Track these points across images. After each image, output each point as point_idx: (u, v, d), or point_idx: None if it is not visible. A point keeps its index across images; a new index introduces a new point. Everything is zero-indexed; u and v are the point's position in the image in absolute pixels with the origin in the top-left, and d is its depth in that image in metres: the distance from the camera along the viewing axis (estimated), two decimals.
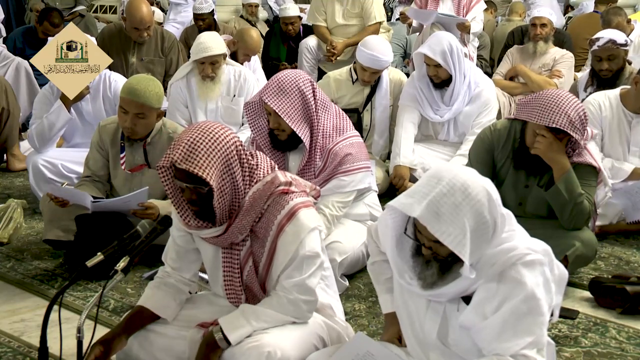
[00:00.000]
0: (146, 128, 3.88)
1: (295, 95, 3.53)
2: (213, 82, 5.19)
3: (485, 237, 2.17)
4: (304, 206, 2.61)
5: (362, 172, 3.73)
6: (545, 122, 3.42)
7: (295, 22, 7.80)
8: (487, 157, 3.79)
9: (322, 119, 3.64)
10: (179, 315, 2.74)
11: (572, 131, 3.43)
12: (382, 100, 5.23)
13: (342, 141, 3.67)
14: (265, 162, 2.67)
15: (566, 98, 3.45)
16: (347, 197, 3.72)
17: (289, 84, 3.54)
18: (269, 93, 3.51)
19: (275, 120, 3.54)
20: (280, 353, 2.45)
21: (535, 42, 6.47)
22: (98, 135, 4.05)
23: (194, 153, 2.46)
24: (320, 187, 3.59)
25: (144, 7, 5.94)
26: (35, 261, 4.12)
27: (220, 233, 2.61)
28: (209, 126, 2.54)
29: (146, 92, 3.78)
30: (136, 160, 3.98)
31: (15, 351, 3.16)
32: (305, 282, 2.58)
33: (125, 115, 3.82)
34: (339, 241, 3.65)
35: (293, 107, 3.52)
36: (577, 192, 3.54)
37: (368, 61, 5.06)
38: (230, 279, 2.68)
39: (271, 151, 3.66)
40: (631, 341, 3.27)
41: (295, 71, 3.64)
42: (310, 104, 3.58)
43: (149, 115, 3.83)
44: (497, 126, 3.83)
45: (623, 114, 4.51)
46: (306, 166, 3.64)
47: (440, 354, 2.35)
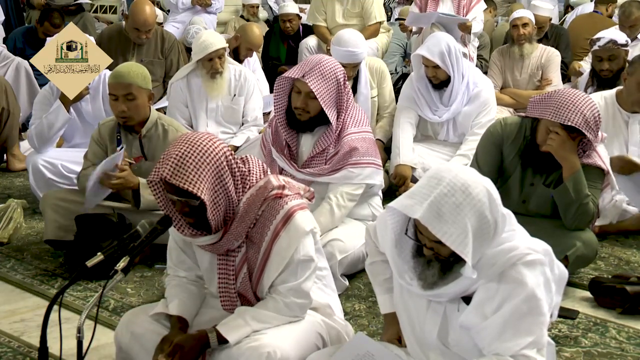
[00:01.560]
0: (138, 110, 3.93)
1: (333, 82, 3.62)
2: (221, 78, 5.23)
3: (487, 237, 2.17)
4: (299, 208, 2.61)
5: (371, 167, 3.77)
6: (561, 119, 3.41)
7: (293, 19, 7.81)
8: (495, 150, 3.78)
9: (345, 110, 3.72)
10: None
11: (587, 131, 3.42)
12: (363, 89, 5.20)
13: (355, 133, 3.73)
14: (258, 166, 2.67)
15: (582, 97, 3.45)
16: (355, 190, 3.75)
17: (329, 70, 3.61)
18: (310, 74, 3.56)
19: (305, 101, 3.60)
20: (280, 353, 2.45)
21: (520, 46, 6.41)
22: (98, 132, 4.11)
23: (183, 168, 2.46)
24: (328, 176, 3.68)
25: (149, 9, 5.94)
26: (35, 261, 4.12)
27: (216, 240, 2.61)
28: (197, 138, 2.53)
29: (130, 72, 3.91)
30: (133, 153, 4.01)
31: (15, 351, 3.16)
32: (300, 287, 2.59)
33: (116, 102, 3.92)
34: (340, 239, 3.67)
35: (329, 93, 3.60)
36: (584, 193, 3.54)
37: (345, 58, 4.98)
38: (225, 286, 2.68)
39: (285, 129, 3.72)
40: (631, 341, 3.27)
41: (332, 59, 3.72)
42: (342, 93, 3.67)
43: (139, 96, 3.91)
44: (508, 121, 3.82)
45: (619, 114, 4.50)
46: (320, 153, 3.70)
47: (440, 354, 2.35)
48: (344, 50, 5.00)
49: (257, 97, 5.46)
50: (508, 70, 6.51)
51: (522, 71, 6.46)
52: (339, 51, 5.01)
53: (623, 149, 4.52)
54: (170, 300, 2.72)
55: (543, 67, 6.39)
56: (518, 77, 6.49)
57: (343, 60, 5.04)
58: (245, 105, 5.39)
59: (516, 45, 6.44)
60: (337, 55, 5.04)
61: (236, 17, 9.97)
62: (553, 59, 6.40)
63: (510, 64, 6.48)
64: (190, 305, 2.72)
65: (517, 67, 6.45)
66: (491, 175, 3.60)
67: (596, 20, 7.73)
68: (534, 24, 6.50)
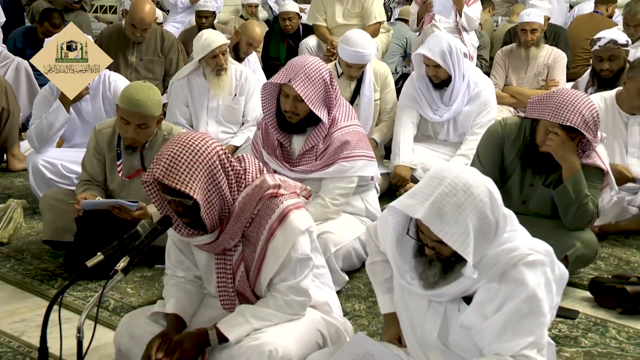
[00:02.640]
0: (148, 136, 3.88)
1: (319, 83, 3.62)
2: (226, 74, 5.25)
3: (488, 237, 2.17)
4: (295, 208, 2.62)
5: (363, 160, 3.78)
6: (560, 119, 3.41)
7: (293, 17, 7.81)
8: (496, 150, 3.77)
9: (335, 106, 3.73)
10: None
11: (586, 131, 3.42)
12: (366, 91, 5.22)
13: (344, 127, 3.75)
14: (253, 165, 2.68)
15: (581, 97, 3.45)
16: (348, 184, 3.78)
17: (314, 72, 3.61)
18: (296, 79, 3.56)
19: (293, 104, 3.62)
20: (281, 351, 2.46)
21: (526, 49, 6.43)
22: (95, 140, 4.01)
23: (175, 168, 2.46)
24: (320, 171, 3.69)
25: (148, 8, 5.95)
26: (35, 261, 4.12)
27: (213, 240, 2.62)
28: (189, 138, 2.53)
29: (147, 101, 3.74)
30: (134, 166, 3.96)
31: (15, 351, 3.16)
32: (299, 285, 2.61)
33: (126, 125, 3.79)
34: (331, 232, 3.69)
35: (317, 95, 3.61)
36: (584, 193, 3.53)
37: (352, 58, 5.06)
38: (224, 285, 2.68)
39: (277, 130, 3.74)
40: (631, 341, 3.27)
41: (315, 59, 3.71)
42: (330, 91, 3.68)
43: (151, 125, 3.83)
44: (508, 121, 3.82)
45: (619, 115, 4.50)
46: (309, 150, 3.73)
47: (440, 354, 2.35)
48: (352, 50, 5.03)
49: (258, 97, 5.45)
50: (512, 69, 6.51)
51: (527, 70, 6.46)
52: (347, 51, 5.04)
53: (623, 150, 4.52)
54: (167, 299, 2.72)
55: (549, 68, 6.40)
56: (522, 76, 6.49)
57: (350, 60, 5.07)
58: (246, 105, 5.40)
59: (522, 48, 6.45)
60: (344, 55, 5.07)
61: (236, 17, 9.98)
62: (560, 60, 6.42)
63: (515, 63, 6.49)
64: (186, 304, 2.71)
65: (522, 66, 6.47)
66: (494, 174, 3.61)
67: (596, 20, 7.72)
68: (542, 28, 6.49)
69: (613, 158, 4.50)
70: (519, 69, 6.48)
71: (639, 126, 4.50)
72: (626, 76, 4.44)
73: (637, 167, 4.51)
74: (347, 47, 5.05)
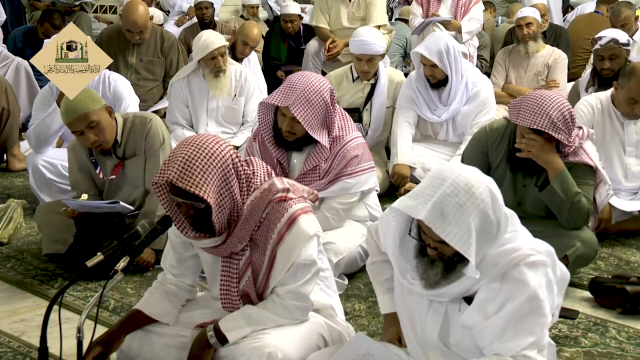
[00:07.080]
0: (107, 132, 3.82)
1: (320, 106, 3.51)
2: (225, 76, 5.26)
3: (490, 237, 2.17)
4: (303, 212, 2.59)
5: (367, 173, 3.73)
6: (527, 123, 3.43)
7: (295, 20, 7.80)
8: (481, 157, 3.79)
9: (335, 127, 3.64)
10: (180, 316, 2.74)
11: (554, 132, 3.42)
12: (379, 97, 5.23)
13: (348, 143, 3.66)
14: (262, 168, 2.65)
15: (549, 98, 3.43)
16: (350, 199, 3.73)
17: (314, 94, 3.49)
18: (296, 103, 3.45)
19: (290, 124, 3.52)
20: (281, 354, 2.45)
21: (525, 44, 6.49)
22: (74, 157, 4.02)
23: (190, 171, 2.43)
24: (324, 190, 3.62)
25: (140, 10, 5.93)
26: (35, 261, 4.12)
27: (220, 243, 2.59)
28: (203, 141, 2.50)
29: (79, 103, 3.76)
30: (112, 164, 3.96)
31: (15, 351, 3.16)
32: (299, 290, 2.57)
33: (81, 136, 3.80)
34: (334, 242, 3.64)
35: (316, 118, 3.51)
36: (573, 191, 3.54)
37: (359, 48, 5.12)
38: (227, 288, 2.66)
39: (274, 146, 3.66)
40: (631, 341, 3.27)
41: (318, 78, 3.58)
42: (331, 113, 3.58)
43: (100, 119, 3.78)
44: (494, 126, 3.83)
45: (615, 114, 4.49)
46: (312, 169, 3.64)
47: (441, 354, 2.35)
48: (357, 40, 5.16)
49: (258, 98, 5.45)
50: (512, 68, 6.54)
51: (527, 69, 6.48)
52: (354, 42, 5.19)
53: (620, 149, 4.51)
54: (144, 299, 2.75)
55: (550, 68, 6.42)
56: (522, 75, 6.51)
57: (357, 51, 5.14)
58: (246, 105, 5.40)
59: (521, 45, 6.52)
60: (352, 48, 5.20)
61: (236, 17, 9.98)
62: (560, 60, 6.46)
63: (515, 62, 6.52)
64: (154, 302, 2.72)
65: (523, 65, 6.49)
66: None
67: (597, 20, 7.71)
68: (539, 23, 6.55)
69: (611, 158, 4.52)
70: (519, 67, 6.50)
71: (635, 125, 4.50)
72: (617, 83, 4.43)
73: (636, 166, 4.52)
74: (353, 39, 5.19)
